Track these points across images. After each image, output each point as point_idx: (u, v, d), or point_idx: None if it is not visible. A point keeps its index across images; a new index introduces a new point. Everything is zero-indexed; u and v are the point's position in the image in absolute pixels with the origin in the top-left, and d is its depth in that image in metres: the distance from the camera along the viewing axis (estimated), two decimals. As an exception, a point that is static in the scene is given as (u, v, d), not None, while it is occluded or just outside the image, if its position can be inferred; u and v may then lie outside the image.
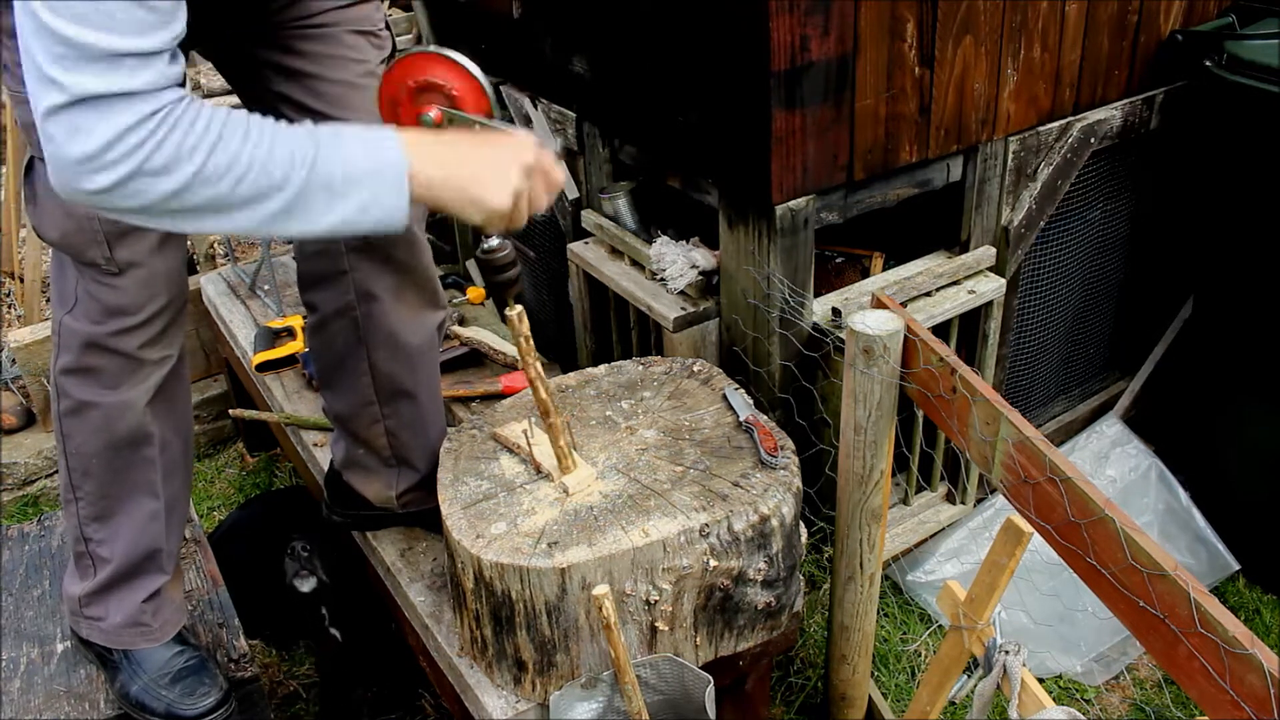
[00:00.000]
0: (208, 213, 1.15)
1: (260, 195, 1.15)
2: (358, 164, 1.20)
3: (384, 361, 1.89)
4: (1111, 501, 1.42)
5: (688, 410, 1.96)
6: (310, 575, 2.32)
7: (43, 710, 1.82)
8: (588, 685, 1.74)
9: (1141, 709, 2.43)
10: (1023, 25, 2.31)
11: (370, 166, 1.20)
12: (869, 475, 1.93)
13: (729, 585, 1.74)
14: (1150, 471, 2.82)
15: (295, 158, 1.15)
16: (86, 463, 1.69)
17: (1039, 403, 3.00)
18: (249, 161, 1.13)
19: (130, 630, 1.79)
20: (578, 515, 1.71)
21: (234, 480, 3.51)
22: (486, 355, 2.76)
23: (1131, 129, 2.65)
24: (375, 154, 1.22)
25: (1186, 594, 1.28)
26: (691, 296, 2.46)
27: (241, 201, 1.14)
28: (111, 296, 1.57)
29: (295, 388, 2.73)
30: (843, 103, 2.13)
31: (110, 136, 1.06)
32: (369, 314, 1.84)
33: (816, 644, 2.49)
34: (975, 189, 2.45)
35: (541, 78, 2.85)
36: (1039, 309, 2.78)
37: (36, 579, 2.14)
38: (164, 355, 1.66)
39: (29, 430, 3.51)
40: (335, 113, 1.63)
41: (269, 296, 3.18)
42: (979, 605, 1.67)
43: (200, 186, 1.12)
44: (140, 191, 1.10)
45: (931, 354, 1.76)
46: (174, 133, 1.10)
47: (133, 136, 1.07)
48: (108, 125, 1.06)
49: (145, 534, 1.75)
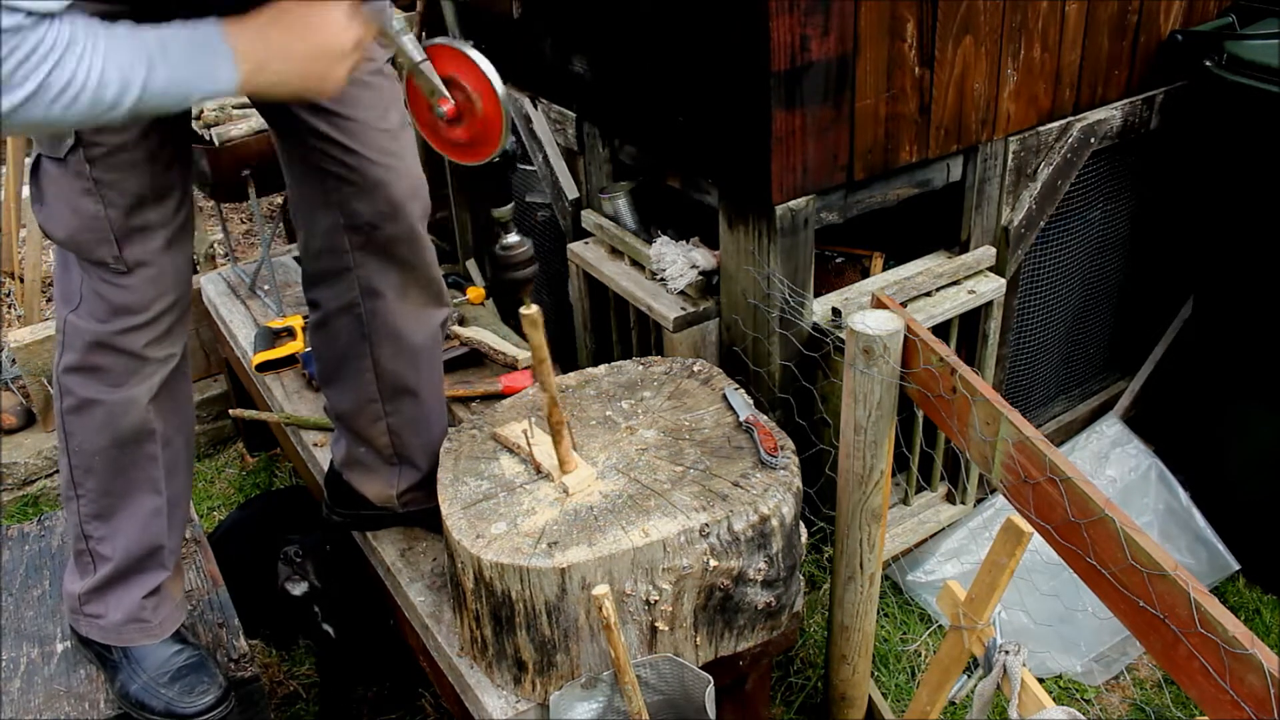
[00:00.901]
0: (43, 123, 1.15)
1: (93, 116, 1.16)
2: (200, 87, 1.22)
3: (387, 359, 1.89)
4: (1111, 501, 1.42)
5: (688, 410, 1.96)
6: (301, 580, 2.33)
7: (43, 710, 1.82)
8: (588, 685, 1.74)
9: (1141, 709, 2.43)
10: (1023, 25, 2.31)
11: (208, 88, 1.23)
12: (869, 475, 1.93)
13: (729, 585, 1.74)
14: (1150, 471, 2.82)
15: (128, 79, 1.16)
16: (89, 460, 1.69)
17: (1039, 403, 3.00)
18: (82, 83, 1.13)
19: (130, 627, 1.79)
20: (578, 515, 1.72)
21: (234, 480, 3.51)
22: (486, 355, 2.76)
23: (1131, 129, 2.65)
24: (212, 78, 1.23)
25: (1186, 594, 1.28)
26: (691, 296, 2.46)
27: (76, 120, 1.15)
28: (118, 295, 1.57)
29: (295, 388, 2.73)
30: (843, 103, 2.13)
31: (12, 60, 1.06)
32: (373, 311, 1.84)
33: (816, 644, 2.49)
34: (975, 189, 2.45)
35: (541, 78, 2.85)
36: (1039, 309, 2.78)
37: (36, 579, 2.14)
38: (169, 353, 1.67)
39: (29, 430, 3.51)
40: (343, 110, 1.63)
41: (269, 296, 3.18)
42: (979, 605, 1.67)
43: (34, 105, 1.11)
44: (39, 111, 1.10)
45: (931, 354, 1.76)
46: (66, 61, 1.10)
47: (31, 61, 1.08)
48: (7, 46, 1.06)
49: (147, 531, 1.75)
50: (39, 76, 1.08)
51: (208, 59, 1.23)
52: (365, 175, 1.68)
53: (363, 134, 1.66)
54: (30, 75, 1.08)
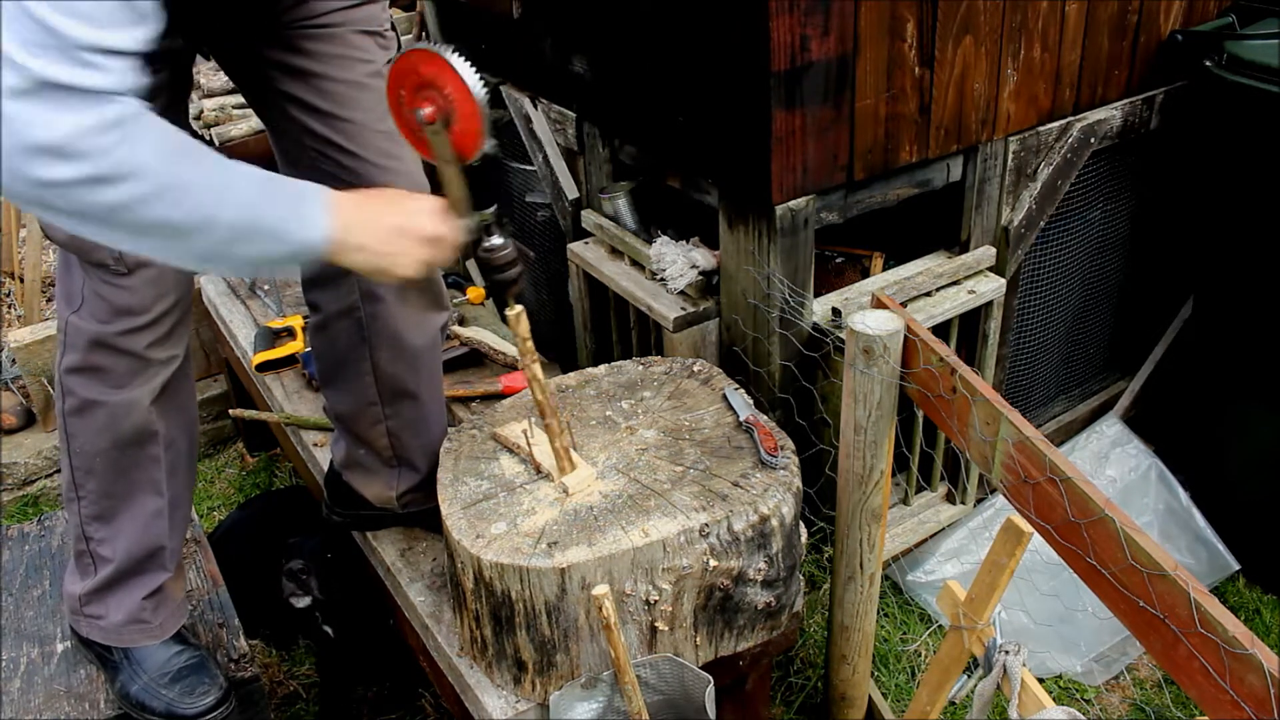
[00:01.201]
0: (136, 232, 1.13)
1: (198, 228, 1.14)
2: (287, 229, 1.22)
3: (387, 362, 1.89)
4: (1111, 501, 1.42)
5: (688, 410, 1.96)
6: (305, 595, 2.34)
7: (43, 710, 1.82)
8: (588, 685, 1.74)
9: (1141, 709, 2.43)
10: (1023, 25, 2.31)
11: (295, 233, 1.23)
12: (869, 475, 1.93)
13: (729, 585, 1.74)
14: (1150, 471, 2.82)
15: (238, 197, 1.17)
16: (90, 461, 1.69)
17: (1039, 403, 3.00)
18: (198, 190, 1.13)
19: (131, 628, 1.79)
20: (578, 515, 1.72)
21: (234, 480, 3.51)
22: (486, 355, 2.76)
23: (1131, 129, 2.65)
24: (301, 219, 1.24)
25: (1186, 594, 1.28)
26: (691, 296, 2.46)
27: (177, 230, 1.14)
28: (120, 296, 1.57)
29: (295, 388, 2.73)
30: (843, 103, 2.13)
31: (73, 130, 1.04)
32: (373, 314, 1.84)
33: (816, 644, 2.49)
34: (975, 189, 2.45)
35: (541, 78, 2.85)
36: (1039, 309, 2.78)
37: (36, 579, 2.14)
38: (171, 355, 1.67)
39: (29, 430, 3.51)
40: (341, 111, 1.63)
41: (269, 296, 3.18)
42: (979, 605, 1.67)
43: (143, 206, 1.10)
44: (86, 195, 1.07)
45: (931, 354, 1.76)
46: (134, 144, 1.08)
47: (97, 136, 1.05)
48: (72, 118, 1.04)
49: (148, 532, 1.75)
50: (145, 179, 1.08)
51: (307, 205, 1.25)
52: (364, 177, 1.68)
53: (361, 136, 1.66)
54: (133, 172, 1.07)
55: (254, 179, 1.20)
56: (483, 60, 3.12)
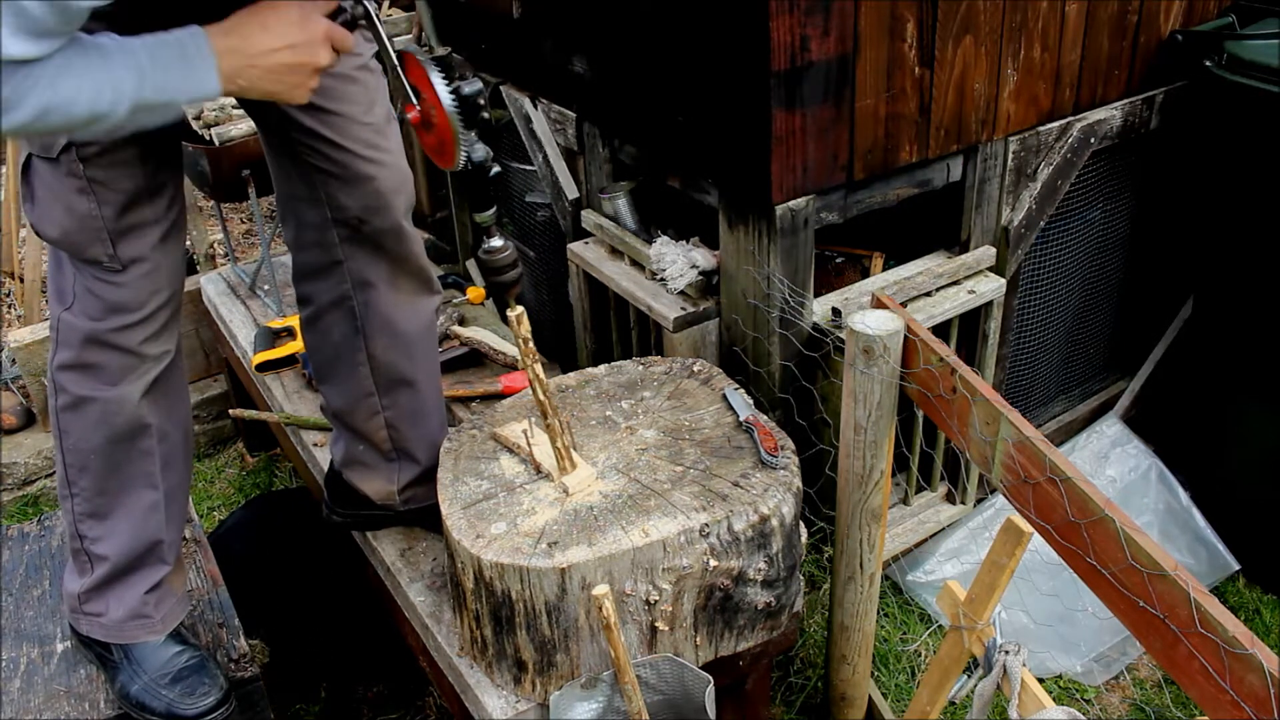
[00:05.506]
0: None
1: (99, 119, 1.22)
2: (180, 96, 1.28)
3: (382, 350, 1.89)
4: (1111, 501, 1.42)
5: (688, 410, 1.96)
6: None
7: (43, 710, 1.82)
8: (588, 685, 1.74)
9: (1141, 709, 2.43)
10: (1023, 25, 2.31)
11: (189, 94, 1.29)
12: (869, 475, 1.93)
13: (729, 585, 1.74)
14: (1150, 471, 2.82)
15: (121, 90, 1.22)
16: (84, 458, 1.69)
17: (1039, 403, 3.00)
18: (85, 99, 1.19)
19: (132, 623, 1.78)
20: (578, 515, 1.72)
21: (234, 480, 3.51)
22: (486, 355, 2.76)
23: (1131, 129, 2.65)
24: (190, 83, 1.29)
25: (1186, 594, 1.28)
26: (691, 296, 2.46)
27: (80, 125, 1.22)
28: (113, 293, 1.57)
29: (295, 388, 2.73)
30: (843, 103, 2.13)
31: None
32: (366, 302, 1.84)
33: (816, 644, 2.49)
34: (975, 189, 2.45)
35: (541, 78, 2.85)
36: (1039, 309, 2.78)
37: (36, 579, 2.14)
38: (164, 350, 1.67)
39: (29, 430, 3.51)
40: (327, 104, 1.63)
41: (269, 296, 3.18)
42: (979, 605, 1.67)
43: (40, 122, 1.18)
44: None
45: (931, 354, 1.76)
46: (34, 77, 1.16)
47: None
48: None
49: (145, 527, 1.75)
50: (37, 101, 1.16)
51: (194, 67, 1.29)
52: (351, 169, 1.69)
53: (347, 128, 1.67)
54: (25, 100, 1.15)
55: (133, 66, 1.23)
56: (482, 60, 3.12)
